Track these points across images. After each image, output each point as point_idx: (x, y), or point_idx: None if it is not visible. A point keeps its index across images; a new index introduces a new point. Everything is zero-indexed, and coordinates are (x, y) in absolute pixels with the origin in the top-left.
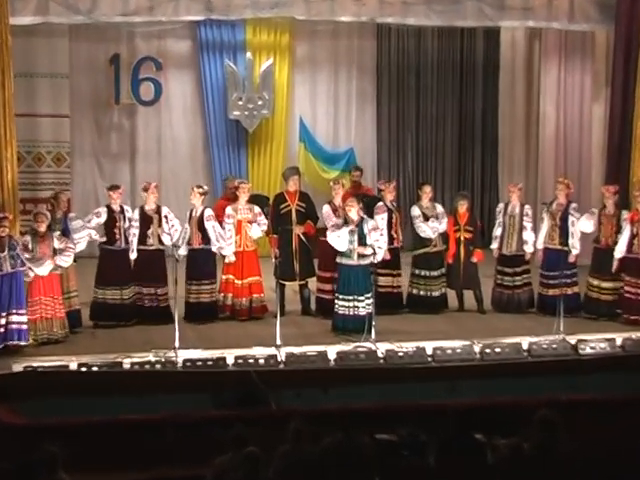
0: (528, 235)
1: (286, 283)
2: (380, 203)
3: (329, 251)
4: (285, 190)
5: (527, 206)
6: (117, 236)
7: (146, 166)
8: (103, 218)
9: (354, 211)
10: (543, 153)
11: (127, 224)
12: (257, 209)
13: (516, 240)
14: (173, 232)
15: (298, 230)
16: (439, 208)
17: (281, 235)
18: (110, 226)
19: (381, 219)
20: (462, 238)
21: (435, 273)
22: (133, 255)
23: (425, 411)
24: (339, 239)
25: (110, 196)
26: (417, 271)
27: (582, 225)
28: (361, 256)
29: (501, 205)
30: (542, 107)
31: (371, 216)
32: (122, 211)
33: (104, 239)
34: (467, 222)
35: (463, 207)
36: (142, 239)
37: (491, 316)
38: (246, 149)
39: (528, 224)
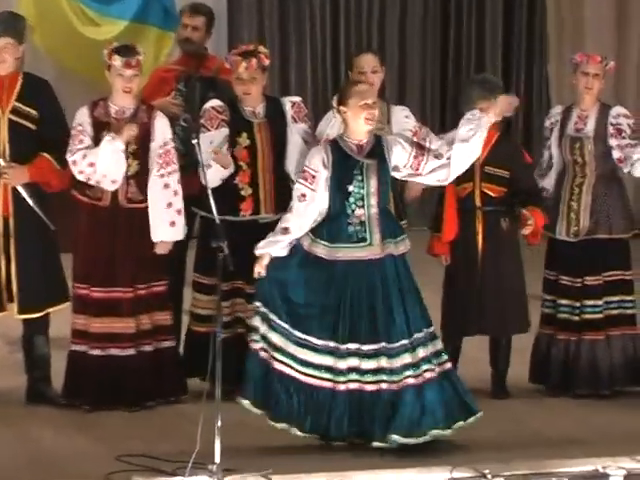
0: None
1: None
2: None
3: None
4: None
5: (620, 110)
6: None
7: None
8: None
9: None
10: None
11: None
12: None
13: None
14: None
15: (16, 178)
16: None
17: None
18: None
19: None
20: (477, 199)
21: None
22: None
23: None
24: None
25: None
26: None
27: None
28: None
29: (556, 112)
30: None
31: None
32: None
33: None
34: (492, 153)
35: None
36: None
37: (528, 404)
38: None
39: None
